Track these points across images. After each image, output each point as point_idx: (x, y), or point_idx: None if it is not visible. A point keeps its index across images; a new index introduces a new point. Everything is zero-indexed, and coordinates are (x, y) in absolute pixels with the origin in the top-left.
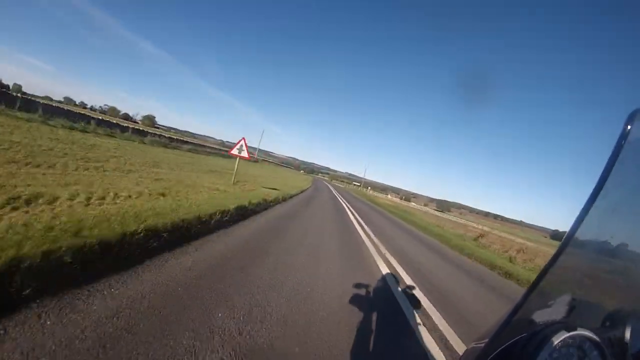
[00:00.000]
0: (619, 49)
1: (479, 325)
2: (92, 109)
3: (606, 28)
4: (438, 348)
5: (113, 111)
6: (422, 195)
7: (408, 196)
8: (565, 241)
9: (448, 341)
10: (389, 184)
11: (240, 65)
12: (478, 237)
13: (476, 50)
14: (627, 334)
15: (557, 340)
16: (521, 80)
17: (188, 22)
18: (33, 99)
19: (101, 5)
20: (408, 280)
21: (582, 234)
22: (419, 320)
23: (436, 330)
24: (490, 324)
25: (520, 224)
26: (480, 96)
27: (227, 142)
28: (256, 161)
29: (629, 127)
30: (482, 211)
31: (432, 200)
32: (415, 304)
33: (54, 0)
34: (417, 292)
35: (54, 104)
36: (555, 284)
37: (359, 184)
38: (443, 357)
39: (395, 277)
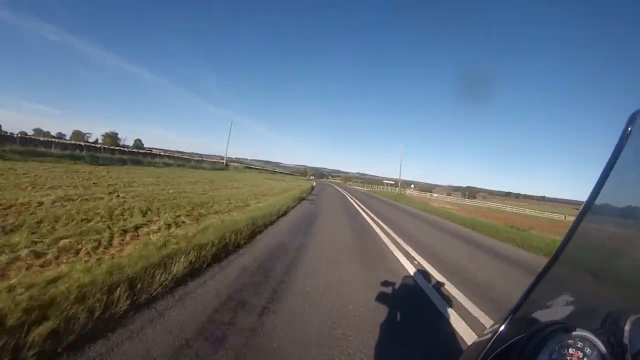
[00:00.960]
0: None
1: None
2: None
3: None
4: None
5: (78, 135)
6: (441, 185)
7: (428, 188)
8: (564, 242)
9: None
10: (403, 178)
11: (241, 79)
12: None
13: (476, 46)
14: (627, 335)
15: (556, 341)
16: (528, 73)
17: (180, 40)
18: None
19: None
20: None
21: (581, 235)
22: None
23: None
24: (491, 325)
25: (543, 199)
26: (485, 84)
27: (237, 158)
28: (226, 167)
29: (629, 128)
30: (501, 192)
31: (453, 188)
32: None
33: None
34: None
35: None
36: (555, 284)
37: (391, 182)
38: None
39: None
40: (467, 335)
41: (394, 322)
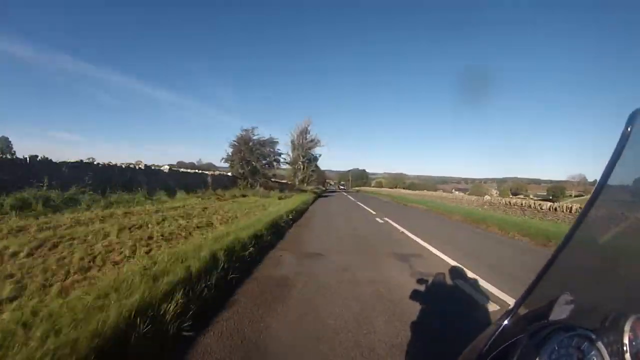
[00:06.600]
0: (620, 48)
1: None
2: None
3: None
4: None
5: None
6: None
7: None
8: (564, 241)
9: None
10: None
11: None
12: None
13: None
14: (626, 335)
15: (555, 340)
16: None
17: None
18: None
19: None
20: None
21: (581, 234)
22: None
23: None
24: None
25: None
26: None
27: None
28: None
29: (629, 128)
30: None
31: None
32: None
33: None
34: None
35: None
36: (555, 283)
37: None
38: None
39: None
40: None
41: None
